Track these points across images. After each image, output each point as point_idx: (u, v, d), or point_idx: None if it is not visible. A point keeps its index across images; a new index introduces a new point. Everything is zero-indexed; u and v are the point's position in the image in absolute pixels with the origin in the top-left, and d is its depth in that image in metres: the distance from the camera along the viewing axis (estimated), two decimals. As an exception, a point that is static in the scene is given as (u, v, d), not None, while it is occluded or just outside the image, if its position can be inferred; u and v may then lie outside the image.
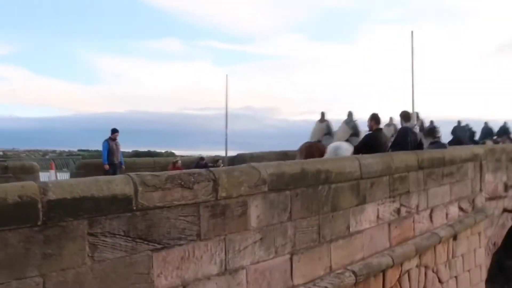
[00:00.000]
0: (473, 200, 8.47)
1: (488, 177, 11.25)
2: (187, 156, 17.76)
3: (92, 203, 2.77)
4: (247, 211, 3.75)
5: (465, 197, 8.12)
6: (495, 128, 20.09)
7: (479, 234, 8.55)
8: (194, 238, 3.32)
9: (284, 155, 12.30)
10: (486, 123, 19.95)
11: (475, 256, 8.24)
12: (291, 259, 4.12)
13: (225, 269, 3.50)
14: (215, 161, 13.10)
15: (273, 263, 3.92)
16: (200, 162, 12.71)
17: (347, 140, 10.40)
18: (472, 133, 18.60)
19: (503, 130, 19.94)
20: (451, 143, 17.06)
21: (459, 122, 18.48)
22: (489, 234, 10.72)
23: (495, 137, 19.20)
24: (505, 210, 13.67)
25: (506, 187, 13.77)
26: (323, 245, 4.54)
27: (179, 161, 12.72)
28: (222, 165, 12.02)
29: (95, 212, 2.78)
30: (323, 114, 12.78)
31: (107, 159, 11.15)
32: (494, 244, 12.73)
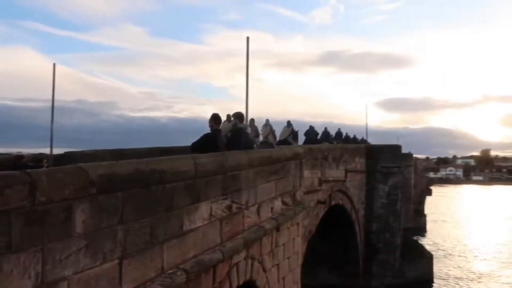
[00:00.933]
0: (294, 194, 9.56)
1: (307, 173, 12.87)
2: (3, 154, 15.11)
3: None
4: (72, 216, 3.44)
5: (287, 192, 9.09)
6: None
7: (298, 224, 9.70)
8: (2, 251, 2.88)
9: (120, 154, 11.69)
10: (326, 128, 24.22)
11: (293, 245, 9.32)
12: (120, 263, 3.94)
13: (42, 282, 3.13)
14: (38, 160, 11.50)
15: (100, 270, 3.69)
16: (18, 162, 10.90)
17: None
18: (316, 135, 22.20)
19: (338, 134, 25.10)
20: (305, 142, 20.45)
21: (311, 126, 22.15)
22: (305, 223, 12.24)
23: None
24: (319, 201, 15.87)
25: (320, 182, 16.00)
26: (155, 246, 4.48)
27: None
28: (46, 165, 10.67)
29: None
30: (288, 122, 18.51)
31: None
32: (310, 232, 14.65)
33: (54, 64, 12.27)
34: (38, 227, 3.15)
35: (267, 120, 16.92)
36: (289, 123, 18.72)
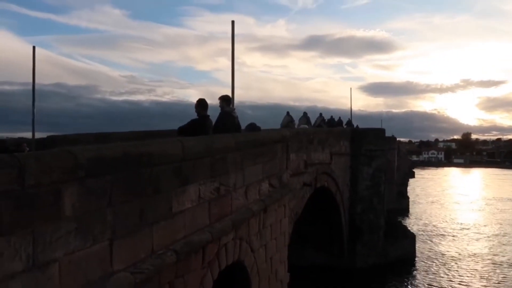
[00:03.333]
0: (281, 177, 9.67)
1: (292, 156, 13.00)
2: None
3: None
4: (61, 200, 3.45)
5: (274, 174, 9.19)
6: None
7: (284, 206, 9.84)
8: (-7, 233, 2.89)
9: (105, 137, 11.59)
10: (340, 117, 30.75)
11: (280, 226, 9.47)
12: (110, 245, 3.99)
13: (33, 264, 3.16)
14: (18, 144, 11.36)
15: (91, 251, 3.73)
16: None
17: None
18: (334, 122, 28.94)
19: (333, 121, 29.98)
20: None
21: (331, 116, 29.60)
22: (292, 205, 12.41)
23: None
24: (304, 184, 16.07)
25: (306, 165, 16.17)
26: (145, 228, 4.53)
27: None
28: (27, 149, 10.56)
29: None
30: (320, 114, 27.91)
31: None
32: (296, 213, 14.87)
33: (34, 47, 11.96)
34: (28, 210, 3.16)
35: (305, 113, 25.72)
36: (321, 114, 27.99)
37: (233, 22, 10.66)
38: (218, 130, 7.74)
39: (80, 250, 3.61)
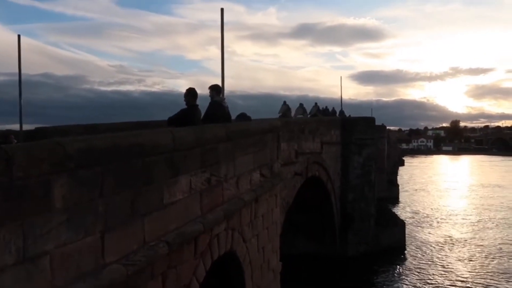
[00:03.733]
0: (272, 167, 9.67)
1: (283, 145, 13.02)
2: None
3: None
4: (51, 191, 3.41)
5: (265, 164, 9.19)
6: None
7: (276, 195, 9.87)
8: (-19, 227, 2.85)
9: (94, 129, 11.46)
10: (333, 108, 31.46)
11: (272, 215, 9.51)
12: (102, 237, 3.96)
13: (24, 257, 3.13)
14: (5, 136, 11.19)
15: (83, 243, 3.71)
16: None
17: None
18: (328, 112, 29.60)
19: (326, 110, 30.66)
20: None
21: (326, 107, 30.27)
22: (283, 195, 12.45)
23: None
24: (295, 173, 16.13)
25: (297, 154, 16.22)
26: (137, 219, 4.51)
27: None
28: (15, 141, 10.42)
29: None
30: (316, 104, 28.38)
31: None
32: (287, 203, 14.94)
33: (19, 36, 11.72)
34: (17, 202, 3.11)
35: (301, 104, 26.66)
36: (316, 104, 28.78)
37: (222, 9, 10.53)
38: (208, 120, 7.69)
39: (71, 243, 3.58)
